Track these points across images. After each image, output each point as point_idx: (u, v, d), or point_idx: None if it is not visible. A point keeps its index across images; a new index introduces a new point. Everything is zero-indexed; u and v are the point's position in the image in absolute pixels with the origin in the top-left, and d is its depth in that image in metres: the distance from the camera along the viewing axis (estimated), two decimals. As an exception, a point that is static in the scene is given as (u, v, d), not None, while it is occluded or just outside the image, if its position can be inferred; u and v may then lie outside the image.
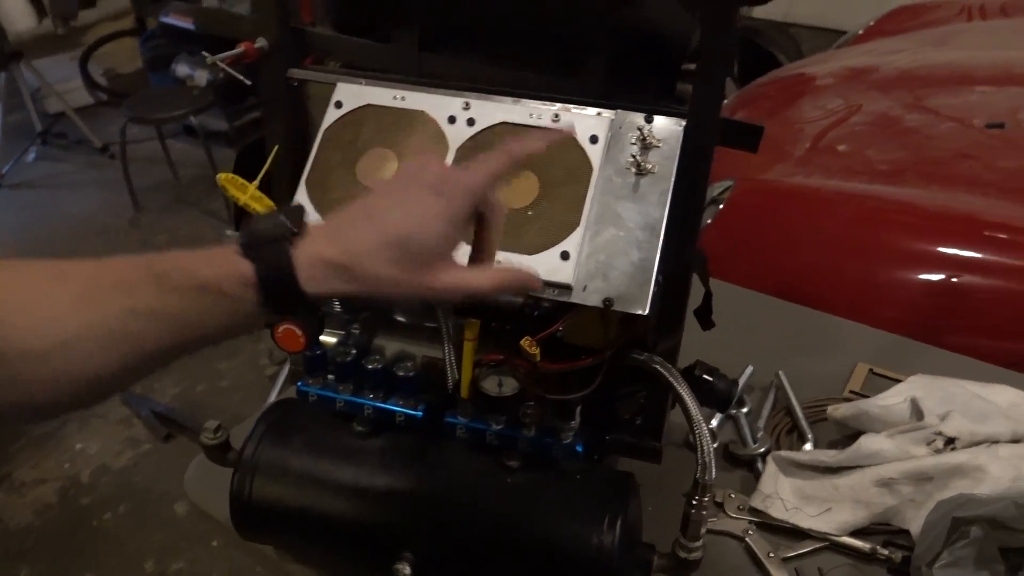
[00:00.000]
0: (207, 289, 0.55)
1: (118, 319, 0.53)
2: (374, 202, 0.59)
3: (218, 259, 0.56)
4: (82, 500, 2.45)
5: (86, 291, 0.53)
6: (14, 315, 0.51)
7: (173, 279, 0.54)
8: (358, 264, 0.56)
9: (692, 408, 0.80)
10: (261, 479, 0.89)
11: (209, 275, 0.55)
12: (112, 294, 0.54)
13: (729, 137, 0.76)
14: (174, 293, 0.54)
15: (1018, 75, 1.97)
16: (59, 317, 0.52)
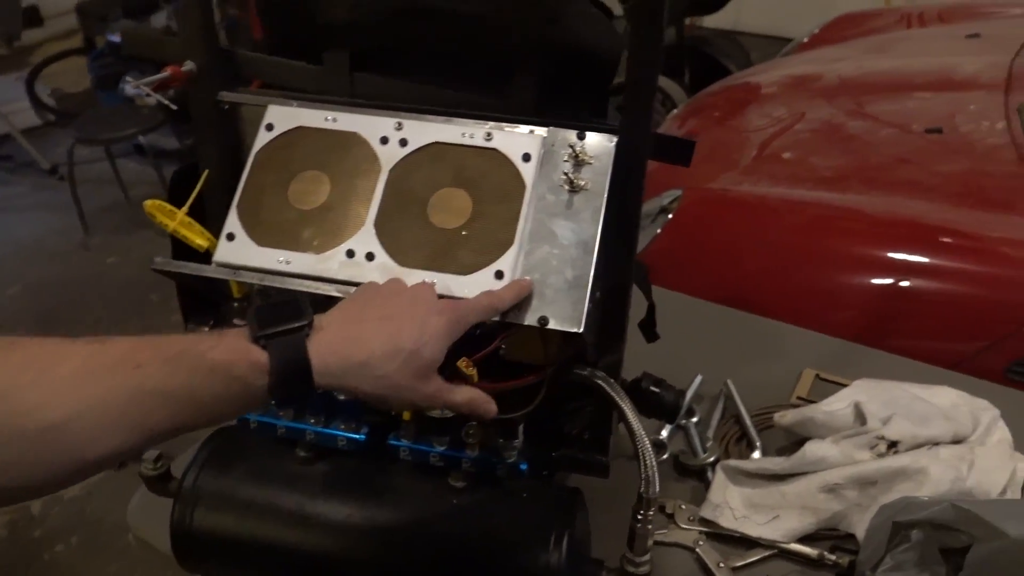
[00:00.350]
0: (217, 372, 0.56)
1: (124, 396, 0.53)
2: (387, 308, 0.65)
3: (230, 344, 0.57)
4: (33, 532, 2.38)
5: (88, 368, 0.52)
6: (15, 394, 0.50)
7: (184, 361, 0.55)
8: (376, 365, 0.61)
9: (634, 422, 0.80)
10: (202, 509, 0.87)
11: (221, 359, 0.56)
12: (117, 372, 0.53)
13: (661, 152, 0.77)
14: (184, 374, 0.55)
15: (955, 80, 2.02)
16: (59, 396, 0.51)
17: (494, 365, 0.79)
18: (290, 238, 0.76)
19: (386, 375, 0.62)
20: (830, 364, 1.30)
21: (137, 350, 0.54)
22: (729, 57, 3.78)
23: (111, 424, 0.52)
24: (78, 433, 0.51)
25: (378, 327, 0.62)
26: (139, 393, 0.53)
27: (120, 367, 0.53)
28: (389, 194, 0.76)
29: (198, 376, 0.55)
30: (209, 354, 0.56)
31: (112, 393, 0.52)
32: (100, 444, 0.52)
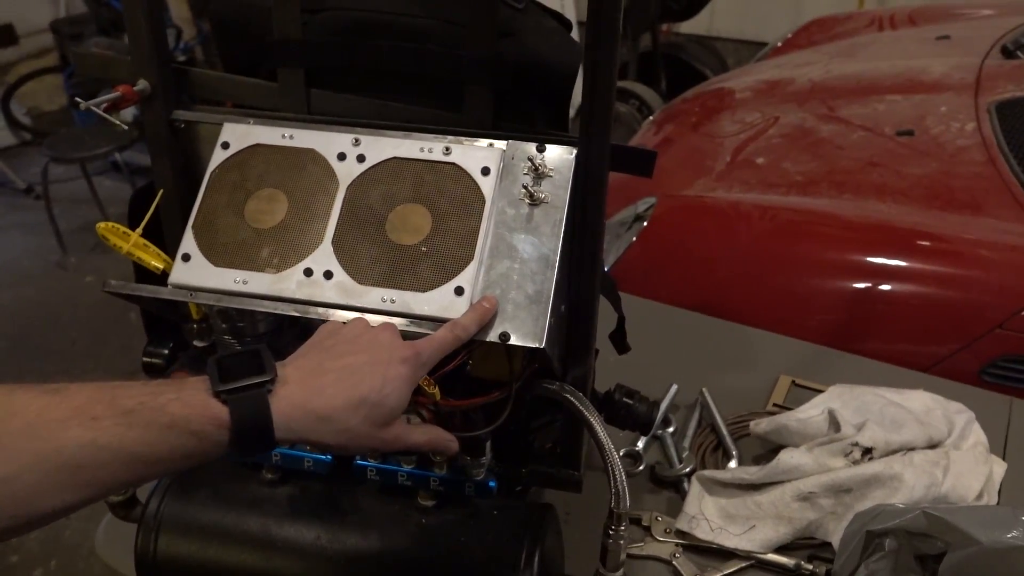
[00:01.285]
0: (176, 427, 0.55)
1: (77, 452, 0.51)
2: (348, 357, 0.63)
3: (190, 398, 0.56)
4: (10, 558, 2.34)
5: (42, 421, 0.51)
6: None
7: (142, 415, 0.54)
8: (339, 419, 0.60)
9: (602, 436, 0.79)
10: (167, 535, 0.85)
11: (179, 413, 0.55)
12: (71, 426, 0.52)
13: (622, 163, 0.76)
14: (141, 428, 0.53)
15: (925, 82, 2.03)
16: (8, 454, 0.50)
17: (460, 382, 0.78)
18: (247, 258, 0.75)
19: (348, 428, 0.61)
20: (806, 370, 1.29)
21: (93, 402, 0.53)
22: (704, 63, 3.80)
23: (64, 479, 0.51)
24: (29, 487, 0.50)
25: (339, 379, 0.61)
26: (93, 448, 0.52)
27: (74, 420, 0.52)
28: (347, 211, 0.75)
29: (155, 431, 0.54)
30: (168, 408, 0.55)
31: (66, 449, 0.51)
32: (51, 498, 0.51)
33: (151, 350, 0.87)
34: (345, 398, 0.60)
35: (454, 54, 0.76)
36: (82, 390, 0.54)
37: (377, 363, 0.63)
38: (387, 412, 0.63)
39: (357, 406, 0.61)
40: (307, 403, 0.59)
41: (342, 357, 0.63)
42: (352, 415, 0.61)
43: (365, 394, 0.61)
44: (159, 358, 0.87)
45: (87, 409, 0.53)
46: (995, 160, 1.63)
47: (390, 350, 0.64)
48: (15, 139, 4.78)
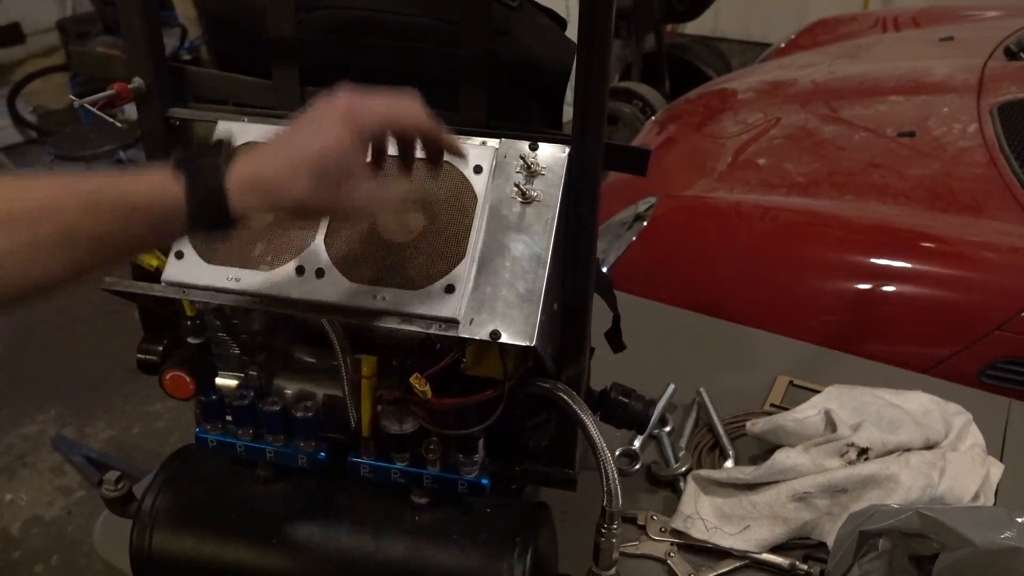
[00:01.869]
0: (138, 209, 0.58)
1: (50, 241, 0.56)
2: (293, 130, 0.64)
3: (149, 178, 0.59)
4: (12, 554, 2.35)
5: (13, 215, 0.55)
6: None
7: (104, 200, 0.57)
8: (279, 183, 0.61)
9: (594, 434, 0.79)
10: (161, 531, 0.85)
11: (140, 195, 0.58)
12: (43, 219, 0.56)
13: (615, 161, 0.76)
14: (105, 214, 0.57)
15: (928, 84, 2.02)
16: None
17: (454, 380, 0.78)
18: (240, 255, 0.75)
19: (294, 190, 0.61)
20: (804, 370, 1.29)
21: (59, 196, 0.56)
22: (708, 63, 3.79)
23: (41, 263, 0.56)
24: (11, 271, 0.56)
25: (285, 147, 0.62)
26: (64, 237, 0.56)
27: (43, 213, 0.56)
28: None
29: (119, 216, 0.57)
30: (129, 192, 0.58)
31: (38, 239, 0.56)
32: (33, 278, 0.57)
33: (146, 347, 0.88)
34: (284, 161, 0.61)
35: (448, 52, 0.76)
36: (46, 183, 0.58)
37: (317, 127, 0.63)
38: (333, 170, 0.62)
39: (297, 167, 0.61)
40: (253, 173, 0.60)
41: (294, 130, 0.64)
42: (296, 179, 0.61)
43: (305, 155, 0.61)
44: (154, 355, 0.87)
45: (53, 202, 0.56)
46: (996, 161, 1.62)
47: (332, 113, 0.63)
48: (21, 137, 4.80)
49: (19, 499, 2.52)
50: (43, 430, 2.76)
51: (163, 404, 2.83)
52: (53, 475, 2.60)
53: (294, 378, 0.87)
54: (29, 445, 2.71)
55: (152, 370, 0.87)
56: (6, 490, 2.55)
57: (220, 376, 0.85)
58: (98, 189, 0.57)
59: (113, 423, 2.78)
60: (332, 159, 0.62)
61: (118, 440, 2.72)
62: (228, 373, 0.85)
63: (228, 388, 0.85)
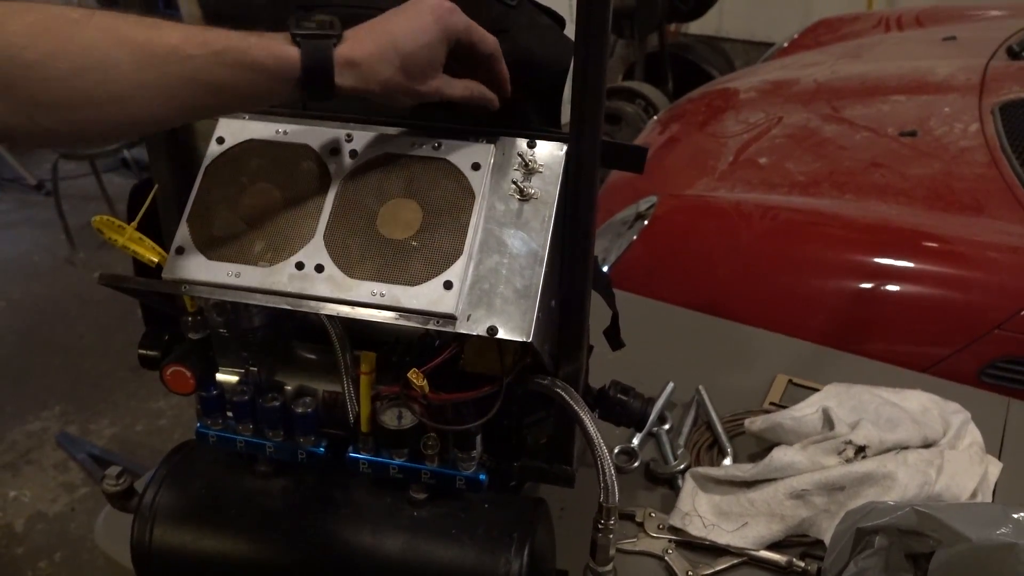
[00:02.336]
0: (256, 68, 0.64)
1: (174, 82, 0.63)
2: (388, 16, 0.70)
3: (269, 44, 0.65)
4: (16, 550, 2.36)
5: (145, 54, 0.62)
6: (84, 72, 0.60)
7: (229, 56, 0.63)
8: (370, 64, 0.68)
9: (591, 430, 0.79)
10: (162, 526, 0.86)
11: (260, 57, 0.64)
12: (171, 61, 0.62)
13: (612, 159, 0.76)
14: (228, 68, 0.64)
15: (930, 83, 2.02)
16: (121, 76, 0.61)
17: (452, 376, 0.79)
18: (240, 251, 0.76)
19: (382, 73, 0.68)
20: (803, 369, 1.30)
21: (187, 42, 0.63)
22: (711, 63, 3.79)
23: (163, 102, 0.64)
24: (138, 105, 0.63)
25: (376, 32, 0.68)
26: (189, 81, 0.63)
27: (173, 56, 0.62)
28: (339, 205, 0.76)
29: (240, 71, 0.64)
30: (251, 51, 0.64)
31: (166, 79, 0.62)
32: (154, 114, 0.64)
33: (147, 342, 0.88)
34: (375, 45, 0.67)
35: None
36: (176, 31, 0.63)
37: (410, 17, 0.69)
38: (419, 64, 0.69)
39: (385, 51, 0.67)
40: (351, 54, 0.67)
41: (385, 17, 0.70)
42: (385, 64, 0.68)
43: (393, 40, 0.67)
44: (155, 350, 0.88)
45: (183, 48, 0.63)
46: (998, 161, 1.62)
47: (424, 6, 0.70)
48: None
49: (23, 495, 2.54)
50: (47, 427, 2.78)
51: (166, 402, 2.85)
52: (57, 472, 2.61)
53: (294, 374, 0.87)
54: (33, 442, 2.72)
55: (153, 365, 0.87)
56: (10, 486, 2.56)
57: (220, 372, 0.86)
58: (225, 46, 0.63)
59: (116, 420, 2.79)
60: (420, 47, 0.68)
61: (121, 437, 2.73)
62: (228, 369, 0.86)
63: (228, 384, 0.85)
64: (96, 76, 0.61)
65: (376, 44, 0.68)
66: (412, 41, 0.68)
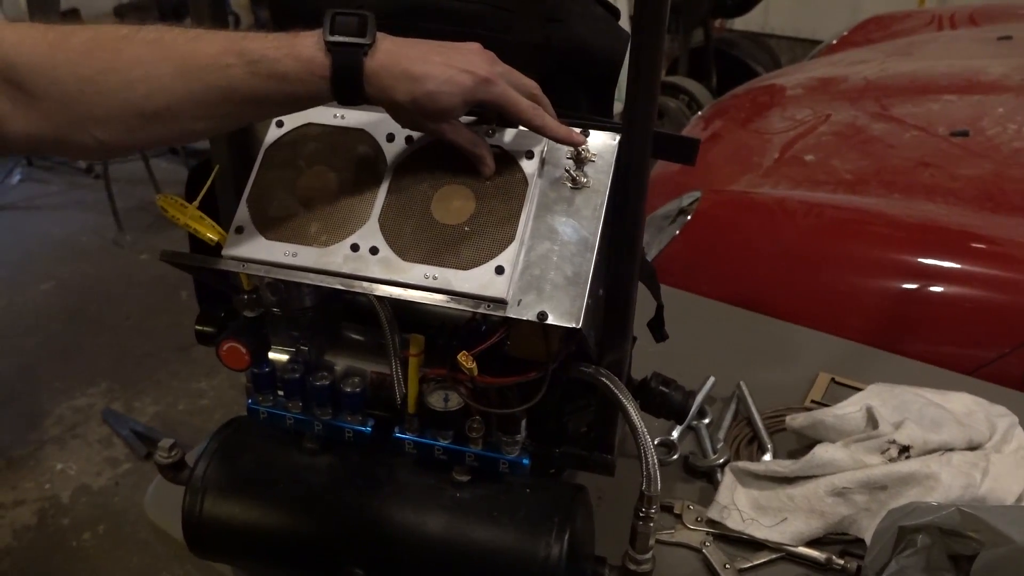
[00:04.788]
0: (288, 78, 0.67)
1: (214, 93, 0.66)
2: (432, 50, 0.70)
3: (301, 51, 0.67)
4: (61, 521, 2.43)
5: (187, 66, 0.65)
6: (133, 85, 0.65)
7: (262, 67, 0.66)
8: (394, 95, 0.69)
9: (636, 419, 0.80)
10: (212, 497, 0.88)
11: (291, 67, 0.66)
12: (210, 71, 0.65)
13: (664, 150, 0.77)
14: (261, 79, 0.66)
15: (983, 83, 1.98)
16: (166, 88, 0.65)
17: (498, 360, 0.80)
18: (297, 232, 0.78)
19: (402, 103, 0.69)
20: (846, 368, 1.29)
21: (225, 53, 0.66)
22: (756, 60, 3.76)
23: (207, 112, 0.67)
24: (185, 116, 0.67)
25: (412, 62, 0.69)
26: (227, 91, 0.66)
27: (212, 68, 0.65)
28: (393, 190, 0.77)
29: (274, 81, 0.66)
30: (283, 62, 0.66)
31: (206, 90, 0.66)
32: (195, 123, 0.68)
33: (204, 320, 0.91)
34: (406, 79, 0.68)
35: (502, 39, 0.77)
36: (216, 40, 0.67)
37: (451, 64, 0.69)
38: (436, 109, 0.70)
39: (412, 88, 0.68)
40: (380, 72, 0.68)
41: (431, 48, 0.70)
42: (406, 94, 0.68)
43: (424, 80, 0.68)
44: (211, 326, 0.90)
45: (221, 59, 0.66)
46: (1052, 163, 1.59)
47: (469, 61, 0.70)
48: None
49: (69, 468, 2.61)
50: (93, 403, 2.85)
51: (208, 382, 2.91)
52: (102, 447, 2.69)
53: (343, 354, 0.89)
54: (79, 417, 2.80)
55: (209, 341, 0.90)
56: (57, 459, 2.64)
57: (273, 350, 0.88)
58: (260, 56, 0.65)
59: (159, 399, 2.86)
60: (444, 99, 0.69)
61: (164, 415, 2.80)
62: (280, 347, 0.88)
63: (280, 362, 0.88)
64: (144, 89, 0.64)
65: (404, 71, 0.68)
66: (437, 87, 0.68)
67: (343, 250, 0.76)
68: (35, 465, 2.63)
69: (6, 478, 2.58)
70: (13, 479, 2.58)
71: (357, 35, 0.67)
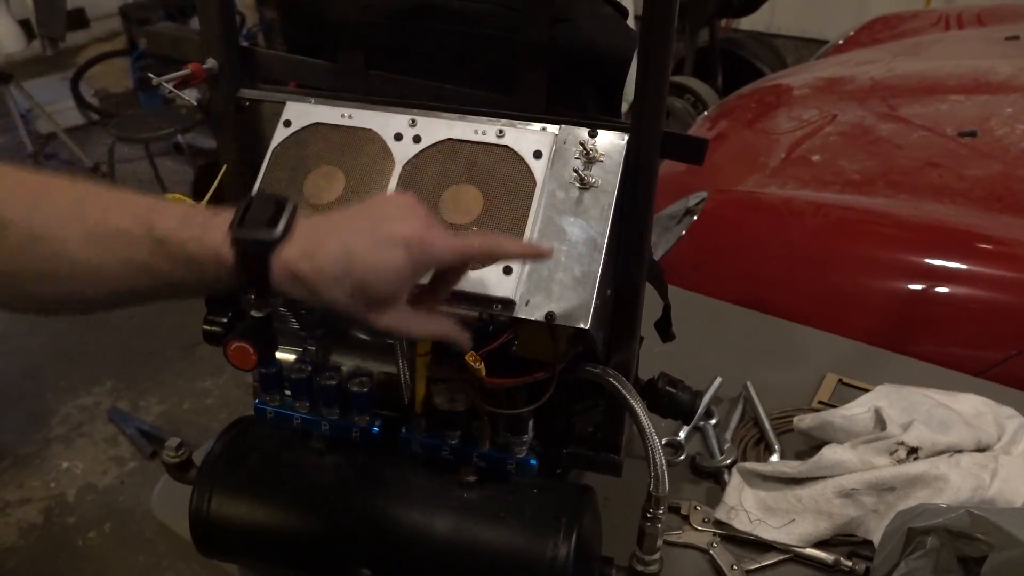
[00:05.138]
0: (193, 262, 0.62)
1: (118, 265, 0.62)
2: (351, 232, 0.63)
3: (208, 238, 0.62)
4: (67, 519, 2.44)
5: (96, 233, 0.62)
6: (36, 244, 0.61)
7: (168, 247, 0.62)
8: (324, 288, 0.62)
9: (643, 420, 0.80)
10: (219, 497, 0.88)
11: (197, 253, 0.62)
12: (116, 242, 0.62)
13: (673, 150, 0.76)
14: (166, 258, 0.62)
15: (991, 83, 1.98)
16: (74, 254, 0.61)
17: (505, 361, 0.80)
18: (305, 232, 0.77)
19: (334, 300, 0.62)
20: (853, 369, 1.28)
21: (136, 225, 0.62)
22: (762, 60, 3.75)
23: (106, 283, 0.63)
24: (85, 283, 0.62)
25: (333, 247, 0.61)
26: (131, 266, 0.62)
27: (120, 239, 0.62)
28: (401, 189, 0.77)
29: (177, 263, 0.62)
30: (189, 246, 0.62)
31: (110, 261, 0.62)
32: (96, 293, 0.63)
33: (211, 319, 0.91)
34: (331, 269, 0.61)
35: (510, 38, 0.77)
36: (130, 209, 0.63)
37: (377, 239, 0.62)
38: (376, 296, 0.62)
39: (341, 279, 0.61)
40: (298, 266, 0.61)
41: (351, 221, 0.63)
42: (338, 288, 0.61)
43: (351, 269, 0.61)
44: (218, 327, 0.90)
45: (130, 229, 0.62)
46: (1061, 163, 1.58)
47: (396, 225, 0.62)
48: (83, 119, 4.96)
49: (75, 467, 2.62)
50: (98, 402, 2.86)
51: (213, 381, 2.91)
52: (107, 445, 2.69)
53: (350, 354, 0.89)
54: (85, 416, 2.80)
55: (216, 341, 0.89)
56: (63, 458, 2.65)
57: (280, 350, 0.88)
58: (166, 234, 0.61)
59: (165, 398, 2.87)
60: (377, 285, 0.62)
61: (169, 414, 2.80)
62: (287, 347, 0.88)
63: (287, 362, 0.88)
64: (48, 249, 0.60)
65: (329, 260, 0.61)
66: (372, 271, 0.61)
67: (351, 250, 0.76)
68: (41, 464, 2.63)
69: (12, 477, 2.59)
70: (19, 478, 2.58)
71: (267, 226, 0.61)
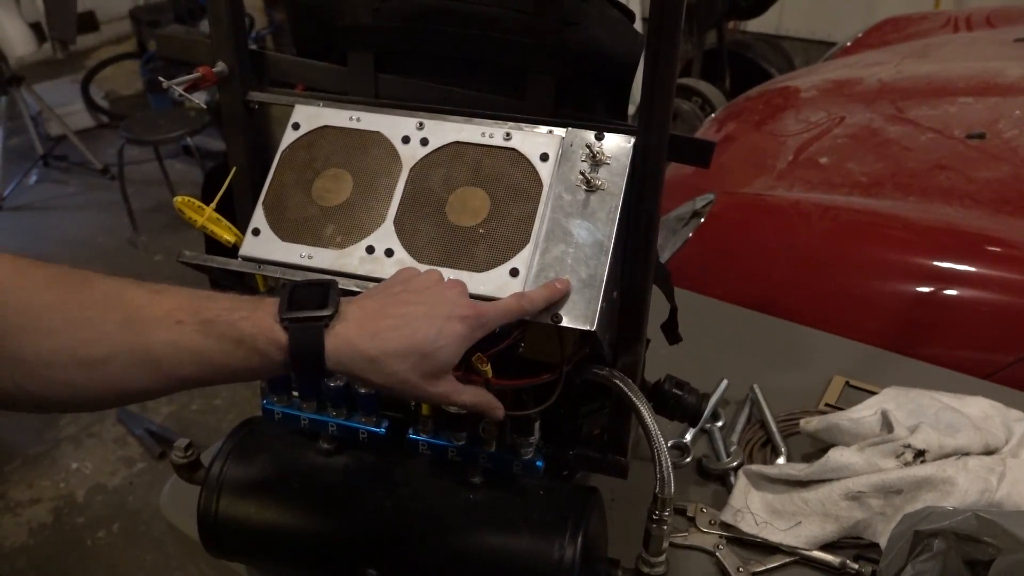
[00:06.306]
0: (243, 344, 0.61)
1: (161, 348, 0.60)
2: (408, 307, 0.66)
3: (259, 319, 0.62)
4: (76, 519, 2.45)
5: (137, 317, 0.60)
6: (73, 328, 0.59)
7: (216, 328, 0.61)
8: (386, 362, 0.64)
9: (649, 422, 0.80)
10: (227, 497, 0.89)
11: (248, 332, 0.61)
12: (160, 326, 0.60)
13: (679, 153, 0.77)
14: (214, 339, 0.61)
15: (1000, 85, 1.97)
16: (106, 337, 0.59)
17: (512, 362, 0.80)
18: (313, 234, 0.78)
19: (395, 373, 0.64)
20: (860, 371, 1.28)
21: (181, 309, 0.61)
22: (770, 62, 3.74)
23: (147, 368, 0.60)
24: (121, 368, 0.60)
25: (395, 325, 0.64)
26: (174, 348, 0.60)
27: (163, 322, 0.60)
28: (409, 192, 0.78)
29: (226, 343, 0.61)
30: (239, 324, 0.61)
31: (152, 343, 0.60)
32: (136, 383, 0.61)
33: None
34: (397, 345, 0.63)
35: (518, 42, 0.78)
36: (175, 296, 0.62)
37: (435, 316, 0.65)
38: (437, 365, 0.65)
39: (407, 354, 0.63)
40: (359, 343, 0.63)
41: (404, 305, 0.66)
42: (401, 362, 0.63)
43: (417, 344, 0.64)
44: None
45: (175, 314, 0.61)
46: (1070, 166, 1.58)
47: (452, 306, 0.66)
48: (93, 121, 4.99)
49: (84, 467, 2.63)
50: (108, 403, 2.87)
51: (221, 383, 2.92)
52: (116, 446, 2.71)
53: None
54: (95, 416, 2.82)
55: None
56: (73, 458, 2.66)
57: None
58: (215, 316, 0.61)
59: (174, 399, 2.88)
60: (440, 356, 0.65)
61: (178, 415, 2.81)
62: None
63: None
64: (83, 334, 0.59)
65: (394, 337, 0.63)
66: (434, 343, 0.64)
67: (359, 252, 0.77)
68: (51, 464, 2.65)
69: (22, 476, 2.60)
70: (29, 478, 2.60)
71: (317, 307, 0.63)
